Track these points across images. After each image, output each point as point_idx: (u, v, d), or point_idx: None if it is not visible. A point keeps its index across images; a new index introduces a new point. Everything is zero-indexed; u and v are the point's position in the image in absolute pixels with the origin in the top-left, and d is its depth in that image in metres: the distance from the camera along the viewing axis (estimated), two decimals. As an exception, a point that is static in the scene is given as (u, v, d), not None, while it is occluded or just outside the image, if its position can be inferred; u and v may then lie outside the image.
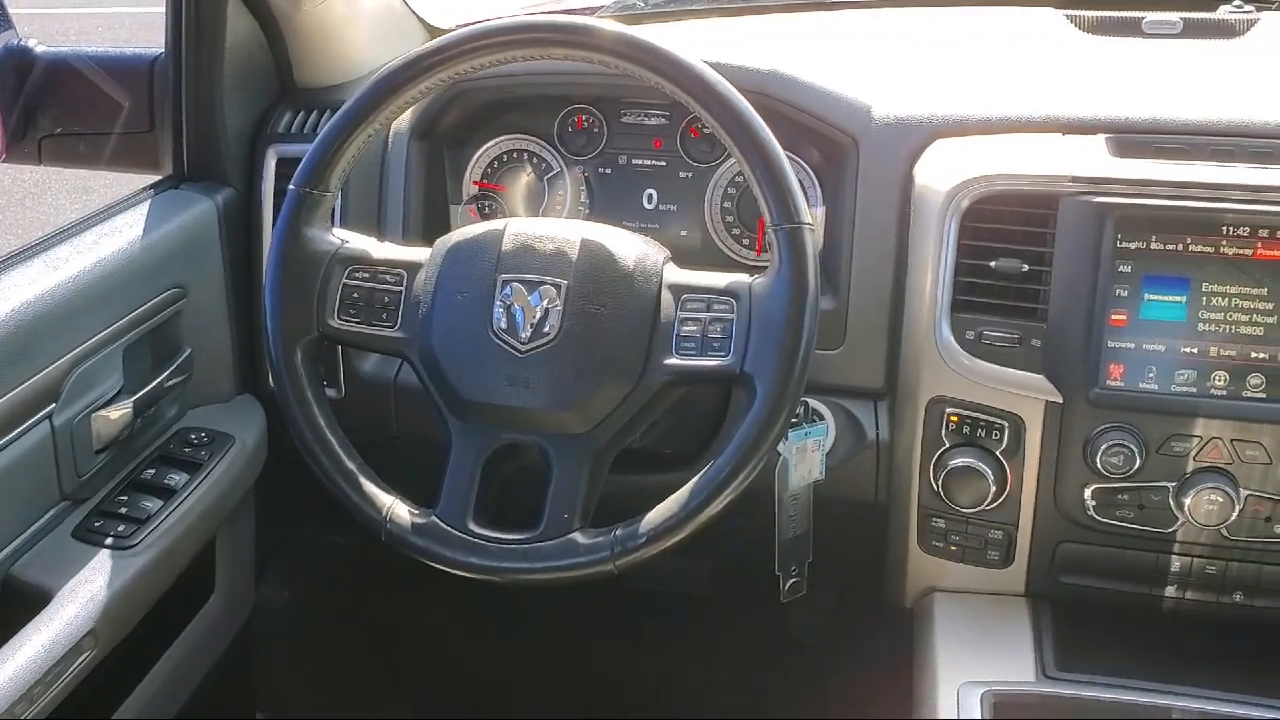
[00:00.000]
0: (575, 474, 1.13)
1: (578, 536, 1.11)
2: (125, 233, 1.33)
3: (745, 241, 1.42)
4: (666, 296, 1.14)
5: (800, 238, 1.08)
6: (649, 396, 1.13)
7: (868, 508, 1.37)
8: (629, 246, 1.16)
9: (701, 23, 1.68)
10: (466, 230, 1.20)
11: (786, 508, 1.36)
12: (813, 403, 1.34)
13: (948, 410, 1.24)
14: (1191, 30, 1.48)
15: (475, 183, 1.50)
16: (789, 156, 1.13)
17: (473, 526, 1.13)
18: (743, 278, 1.14)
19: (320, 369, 1.22)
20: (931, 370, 1.24)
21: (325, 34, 1.51)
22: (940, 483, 1.25)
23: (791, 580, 1.41)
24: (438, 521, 1.14)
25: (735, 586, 1.85)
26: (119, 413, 1.28)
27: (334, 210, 1.36)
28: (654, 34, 1.13)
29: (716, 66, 1.13)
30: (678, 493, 1.10)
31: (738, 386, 1.13)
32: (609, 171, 1.46)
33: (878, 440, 1.34)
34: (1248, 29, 1.48)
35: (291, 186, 1.19)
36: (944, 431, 1.25)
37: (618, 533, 1.11)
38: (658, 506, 1.10)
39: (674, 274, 1.16)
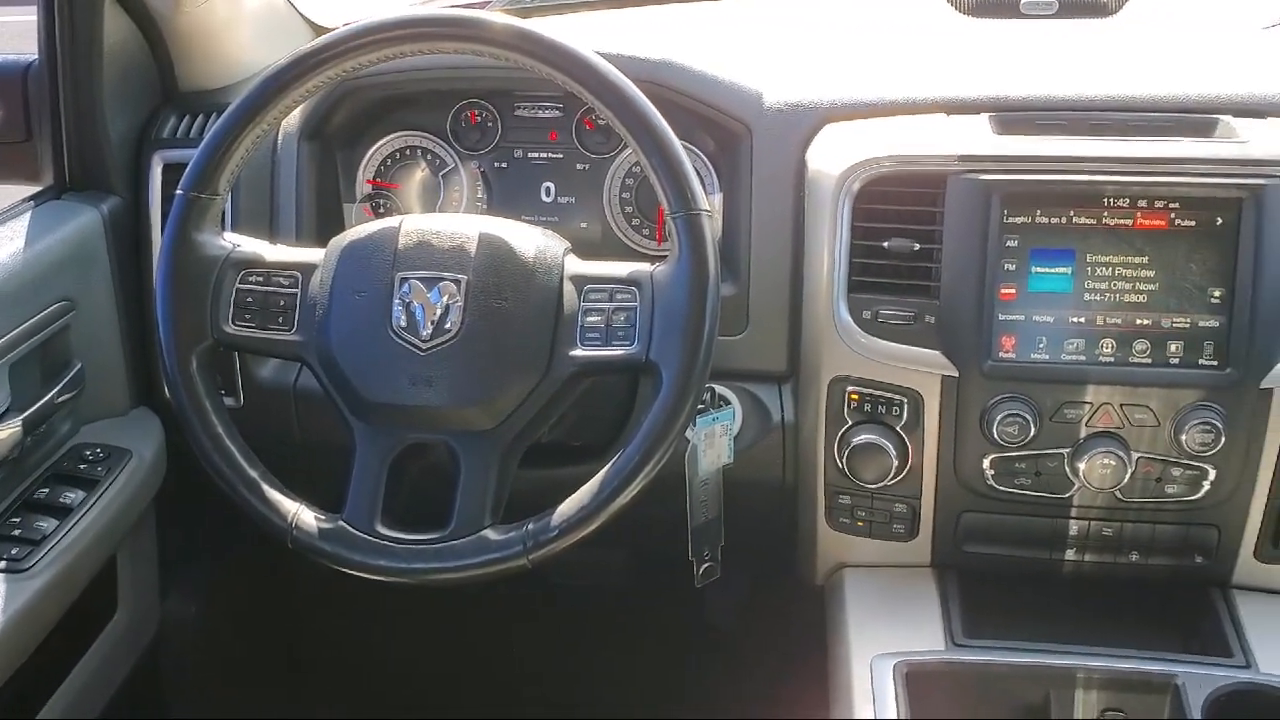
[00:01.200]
0: (484, 470, 1.12)
1: (489, 533, 1.11)
2: (5, 246, 1.28)
3: (645, 231, 1.42)
4: (569, 288, 1.14)
5: (699, 224, 1.09)
6: (555, 389, 1.13)
7: (776, 489, 1.39)
8: (528, 239, 1.15)
9: (593, 15, 1.68)
10: (361, 229, 1.18)
11: (697, 493, 1.37)
12: (719, 388, 1.35)
13: (849, 389, 1.27)
14: (1067, 10, 1.53)
15: (369, 181, 1.48)
16: (684, 145, 1.13)
17: (381, 529, 1.12)
18: (644, 267, 1.14)
19: (217, 377, 1.19)
20: (832, 351, 1.26)
21: (207, 36, 1.48)
22: (845, 460, 1.27)
23: (705, 565, 1.42)
24: (345, 526, 1.12)
25: (650, 575, 1.86)
26: (7, 431, 1.24)
27: (224, 214, 1.34)
28: (545, 26, 1.13)
29: (608, 57, 1.13)
30: (588, 484, 1.10)
31: (644, 375, 1.13)
32: (505, 166, 1.45)
33: (783, 422, 1.35)
34: (1119, 7, 1.54)
35: (179, 191, 1.17)
36: (846, 410, 1.27)
37: (530, 527, 1.10)
38: (569, 498, 1.11)
39: (575, 265, 1.16)
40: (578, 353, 1.12)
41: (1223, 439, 1.17)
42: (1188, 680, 1.15)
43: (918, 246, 1.21)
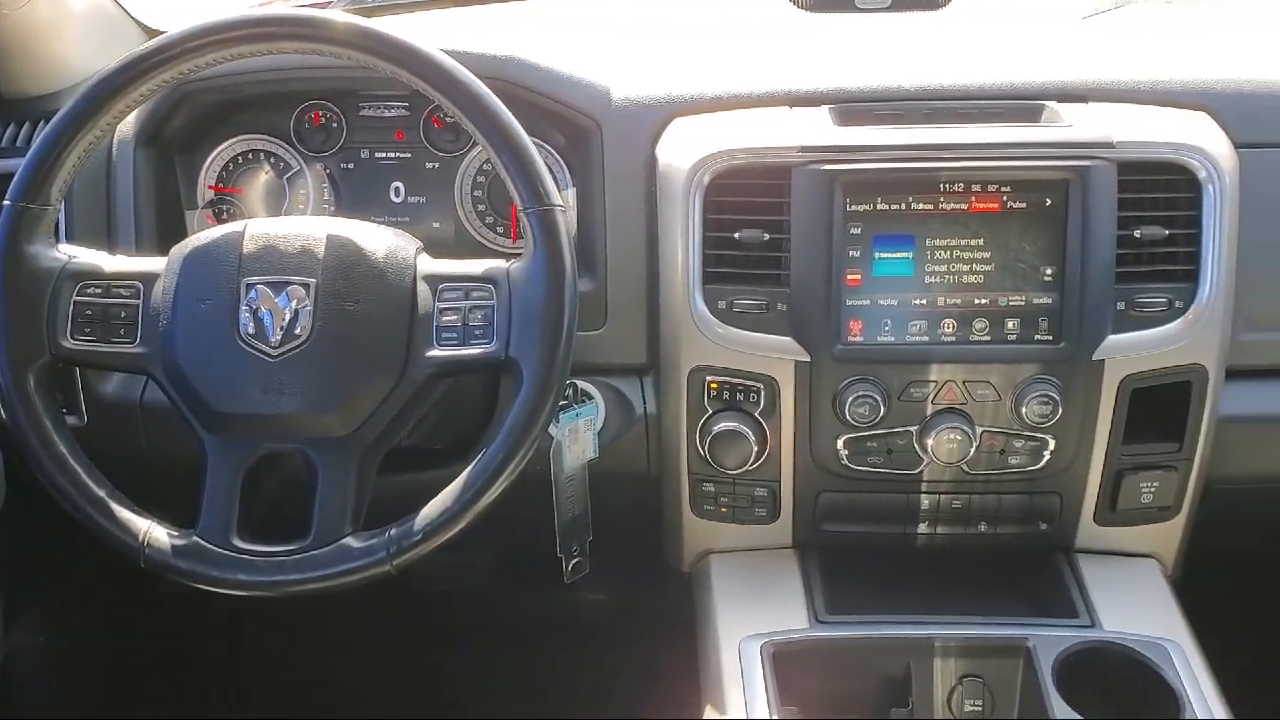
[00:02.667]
0: (342, 477, 1.10)
1: (351, 540, 1.09)
2: None
3: (499, 229, 1.42)
4: (423, 288, 1.13)
5: (552, 219, 1.10)
6: (413, 391, 1.12)
7: (642, 480, 1.40)
8: (378, 240, 1.14)
9: (438, 14, 1.66)
10: (204, 235, 1.15)
11: (563, 489, 1.37)
12: (581, 383, 1.36)
13: (708, 378, 1.29)
14: (899, 3, 1.58)
15: (210, 187, 1.43)
16: (534, 141, 1.14)
17: (238, 542, 1.09)
18: (499, 263, 1.14)
19: (58, 395, 1.14)
20: (690, 341, 1.28)
21: (30, 39, 1.41)
22: (706, 448, 1.29)
23: (574, 561, 1.43)
24: (200, 541, 1.09)
25: (518, 575, 1.86)
26: None
27: (58, 224, 1.28)
28: (389, 25, 1.11)
29: (454, 54, 1.13)
30: (451, 485, 1.10)
31: (504, 373, 1.13)
32: (352, 167, 1.43)
33: (646, 414, 1.37)
34: (948, 1, 1.59)
35: (7, 201, 1.12)
36: (706, 399, 1.29)
37: (392, 532, 1.09)
38: (432, 501, 1.10)
39: (428, 264, 1.15)
40: (434, 353, 1.11)
41: (1060, 410, 1.23)
42: (1038, 642, 1.20)
43: (767, 236, 1.24)
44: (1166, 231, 1.22)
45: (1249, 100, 1.30)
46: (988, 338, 1.23)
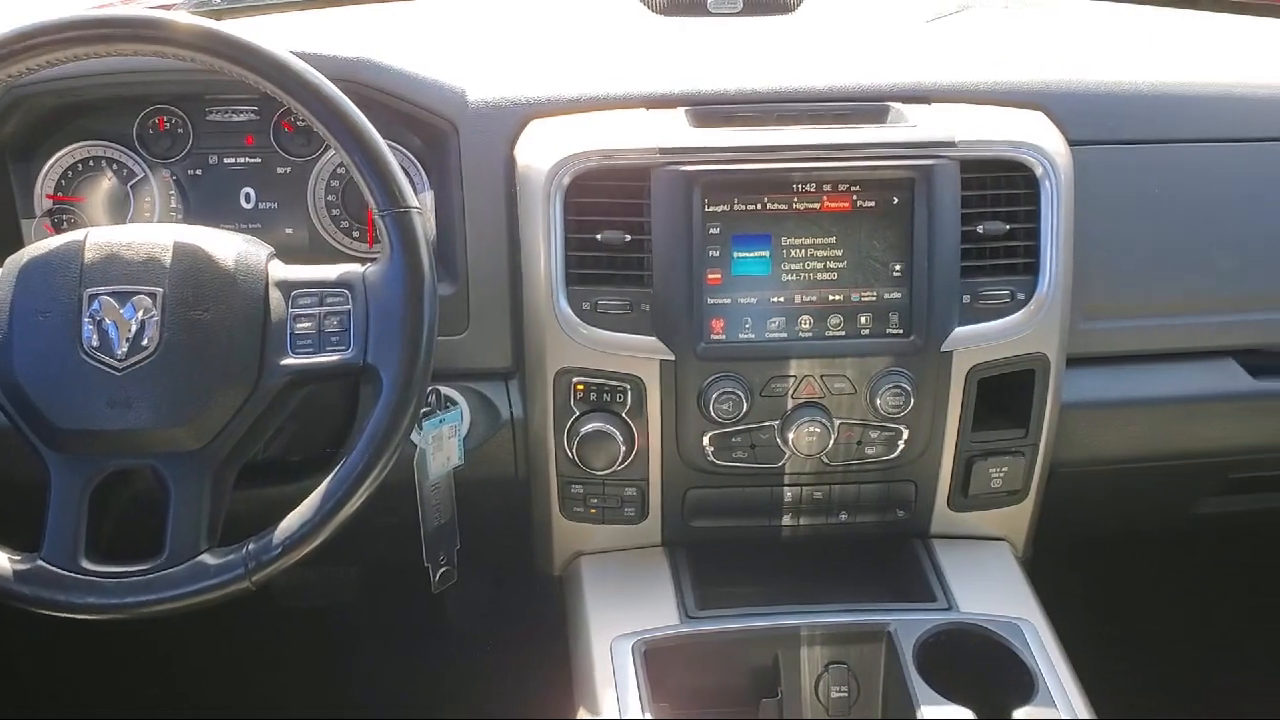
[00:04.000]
0: (196, 493, 1.07)
1: (207, 557, 1.06)
2: None
3: (355, 234, 1.39)
4: (275, 295, 1.10)
5: (409, 222, 1.08)
6: (268, 401, 1.09)
7: (510, 485, 1.40)
8: (228, 246, 1.11)
9: (288, 16, 1.63)
10: (41, 245, 1.10)
11: (428, 498, 1.35)
12: (444, 389, 1.34)
13: (574, 380, 1.29)
14: (751, 8, 1.62)
15: (49, 196, 1.37)
16: (390, 144, 1.12)
17: (86, 564, 1.04)
18: (355, 268, 1.12)
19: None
20: (555, 343, 1.28)
21: None
22: (574, 450, 1.29)
23: (441, 570, 1.41)
24: (44, 565, 1.04)
25: (386, 587, 1.83)
26: None
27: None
28: (237, 28, 1.08)
29: (303, 56, 1.10)
30: (311, 497, 1.07)
31: (363, 380, 1.11)
32: (200, 173, 1.38)
33: (512, 418, 1.36)
34: (798, 4, 1.63)
35: None
36: (573, 401, 1.30)
37: (250, 547, 1.06)
38: (291, 514, 1.07)
39: (280, 270, 1.12)
40: (289, 361, 1.08)
41: (912, 401, 1.27)
42: (899, 627, 1.24)
43: (629, 237, 1.25)
44: (1007, 226, 1.27)
45: (1081, 99, 1.37)
46: (842, 333, 1.26)
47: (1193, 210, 1.39)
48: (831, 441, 1.28)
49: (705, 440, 1.29)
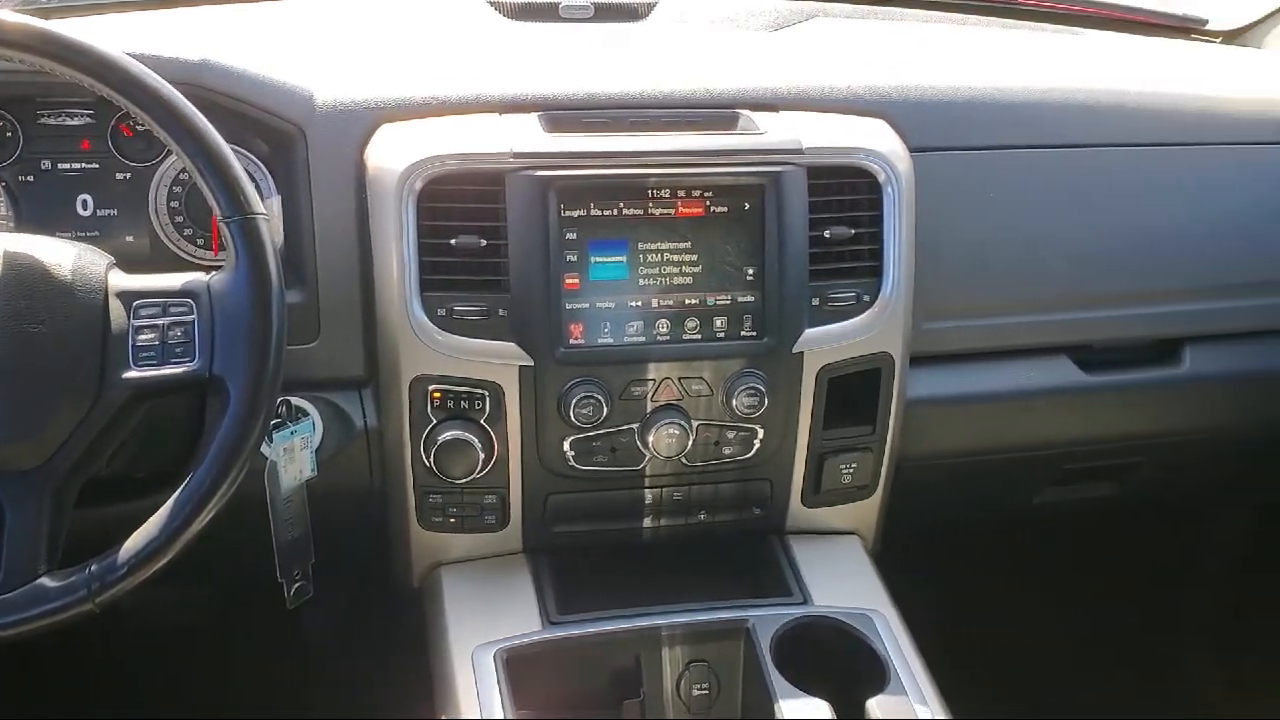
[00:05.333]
0: (34, 513, 1.02)
1: (46, 580, 1.01)
2: None
3: (200, 241, 1.35)
4: (115, 305, 1.06)
5: (254, 228, 1.06)
6: (110, 416, 1.05)
7: (366, 496, 1.37)
8: (63, 255, 1.06)
9: (126, 16, 1.56)
10: None
11: (281, 512, 1.32)
12: (294, 400, 1.31)
13: (431, 387, 1.27)
14: (602, 14, 1.62)
15: None
16: (235, 149, 1.09)
17: None
18: (200, 276, 1.08)
19: None
20: (410, 351, 1.26)
21: None
22: (432, 459, 1.28)
23: (296, 585, 1.38)
24: None
25: (240, 605, 1.78)
26: None
27: None
28: (70, 28, 1.04)
29: (141, 58, 1.07)
30: (157, 514, 1.04)
31: (210, 392, 1.08)
32: (31, 179, 1.31)
33: (366, 428, 1.34)
34: (649, 12, 1.65)
35: None
36: (429, 408, 1.28)
37: (93, 568, 1.02)
38: (136, 532, 1.03)
39: (120, 280, 1.08)
40: (131, 374, 1.04)
41: (766, 401, 1.29)
42: (757, 622, 1.27)
43: (484, 242, 1.24)
44: (853, 231, 1.31)
45: (921, 107, 1.42)
46: (699, 336, 1.28)
47: (1027, 214, 1.46)
48: (690, 443, 1.30)
49: (566, 445, 1.30)
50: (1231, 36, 1.87)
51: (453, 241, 1.24)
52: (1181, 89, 1.57)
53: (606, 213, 1.25)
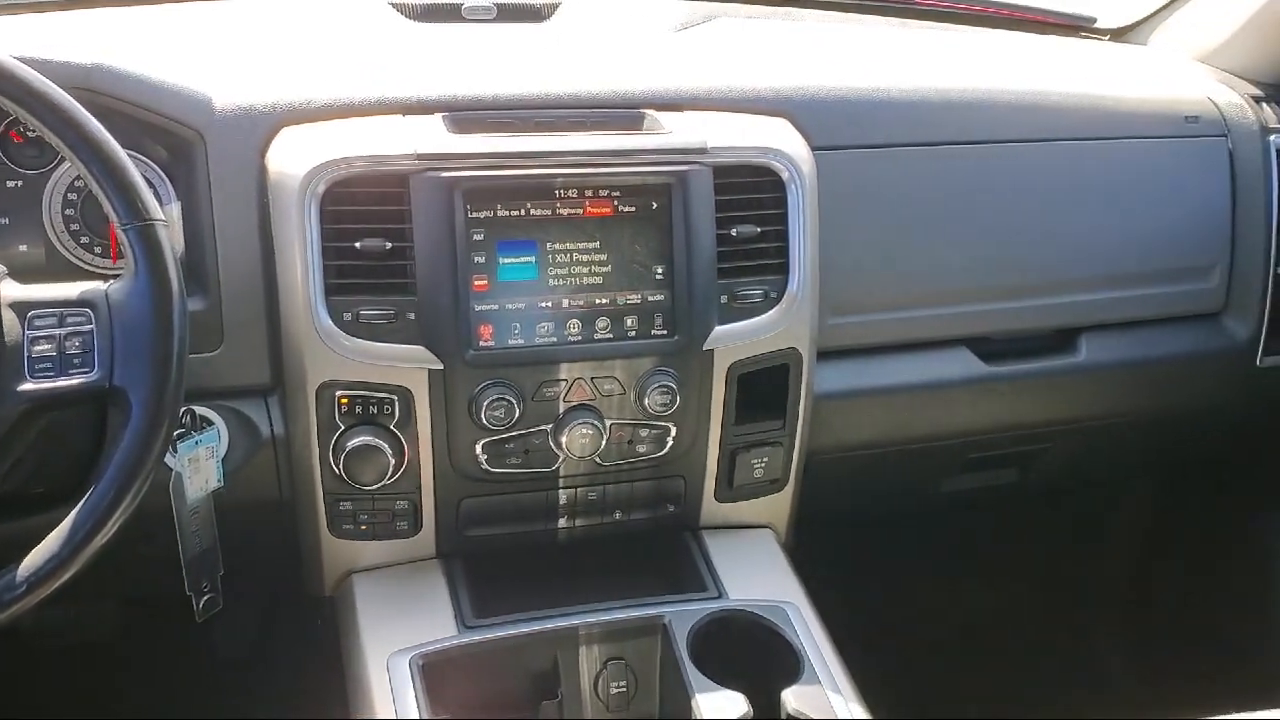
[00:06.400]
0: (-75, 532, 0.99)
1: (-59, 600, 0.98)
2: None
3: (98, 250, 1.31)
4: (9, 316, 1.03)
5: (153, 235, 1.04)
6: (6, 430, 1.02)
7: (275, 505, 1.35)
8: None
9: (9, 19, 1.51)
10: None
11: (187, 524, 1.29)
12: (199, 409, 1.29)
13: (338, 393, 1.26)
14: (505, 15, 1.62)
15: None
16: (131, 155, 1.07)
17: None
18: (97, 285, 1.06)
19: None
20: (316, 357, 1.25)
21: None
22: (341, 466, 1.26)
23: (205, 598, 1.35)
24: None
25: (150, 619, 1.74)
26: None
27: None
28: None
29: (30, 62, 1.04)
30: (57, 529, 1.01)
31: (111, 403, 1.05)
32: (-85, 188, 1.27)
33: (274, 436, 1.32)
34: (552, 13, 1.65)
35: None
36: (338, 415, 1.26)
37: (-10, 587, 0.99)
38: (36, 549, 1.01)
39: (13, 290, 1.05)
40: (27, 387, 1.01)
41: (678, 399, 1.30)
42: (674, 618, 1.28)
43: (390, 245, 1.23)
44: (759, 229, 1.33)
45: (823, 107, 1.45)
46: (610, 335, 1.28)
47: (927, 210, 1.49)
48: (604, 442, 1.30)
49: (478, 448, 1.29)
50: (1119, 34, 1.94)
51: (357, 245, 1.23)
52: (1073, 86, 1.62)
53: (514, 213, 1.25)
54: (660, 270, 1.29)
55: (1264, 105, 1.67)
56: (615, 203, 1.27)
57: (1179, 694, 1.68)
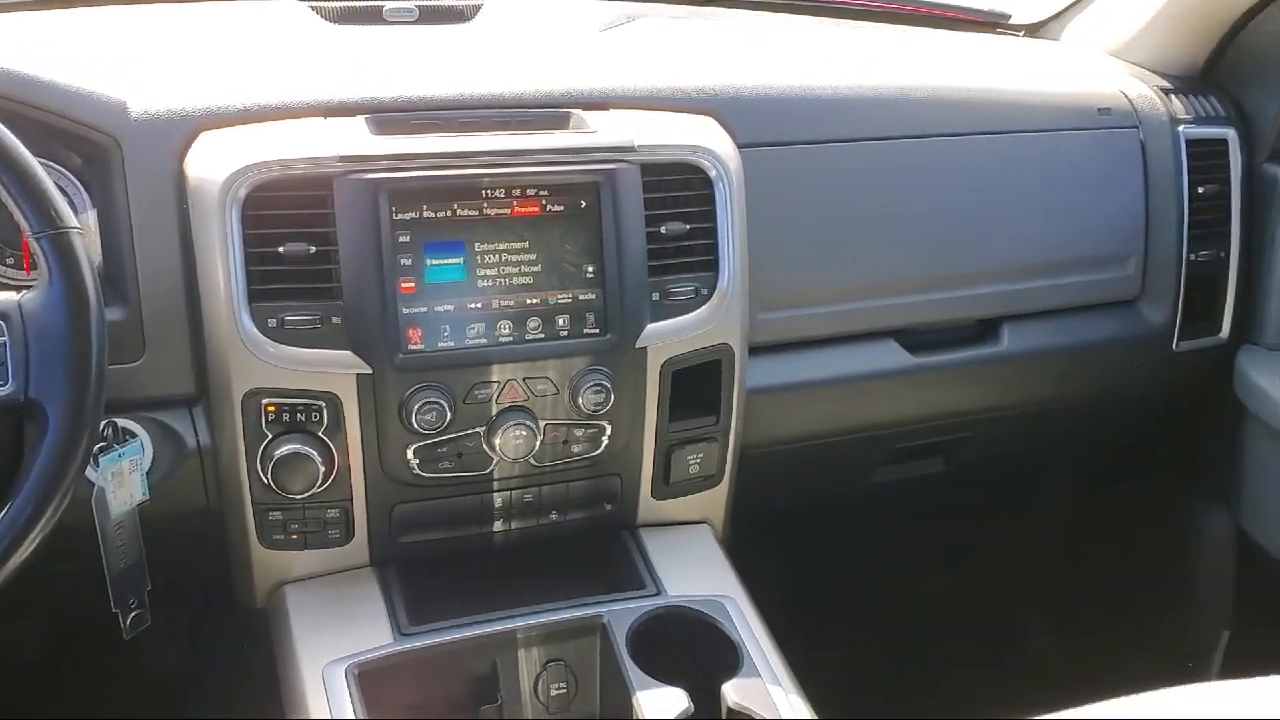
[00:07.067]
0: None
1: None
2: None
3: (10, 260, 1.27)
4: None
5: (68, 244, 1.01)
6: (-84, 448, 0.98)
7: (203, 517, 1.32)
8: None
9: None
10: None
11: (111, 539, 1.26)
12: (121, 421, 1.26)
13: (265, 401, 1.24)
14: (427, 17, 1.61)
15: None
16: (44, 163, 1.04)
17: None
18: (10, 296, 1.03)
19: None
20: (241, 364, 1.22)
21: None
22: (270, 475, 1.24)
23: (133, 614, 1.32)
24: None
25: (77, 637, 1.69)
26: None
27: None
28: None
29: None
30: None
31: (27, 417, 1.02)
32: None
33: (200, 446, 1.29)
34: (475, 14, 1.64)
35: None
36: (265, 423, 1.24)
37: (-96, 611, 0.95)
38: (-50, 569, 0.97)
39: None
40: None
41: (613, 397, 1.30)
42: (612, 617, 1.27)
43: (314, 249, 1.21)
44: (688, 226, 1.33)
45: (747, 105, 1.46)
46: (542, 335, 1.28)
47: (852, 205, 1.51)
48: (538, 443, 1.29)
49: (409, 453, 1.28)
50: (1033, 30, 1.98)
51: (281, 250, 1.21)
52: (990, 81, 1.65)
53: (440, 214, 1.24)
54: (591, 269, 1.28)
55: (1173, 97, 1.72)
56: (544, 202, 1.27)
57: (1103, 671, 1.72)
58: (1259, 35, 1.70)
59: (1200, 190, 1.68)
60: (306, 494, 1.26)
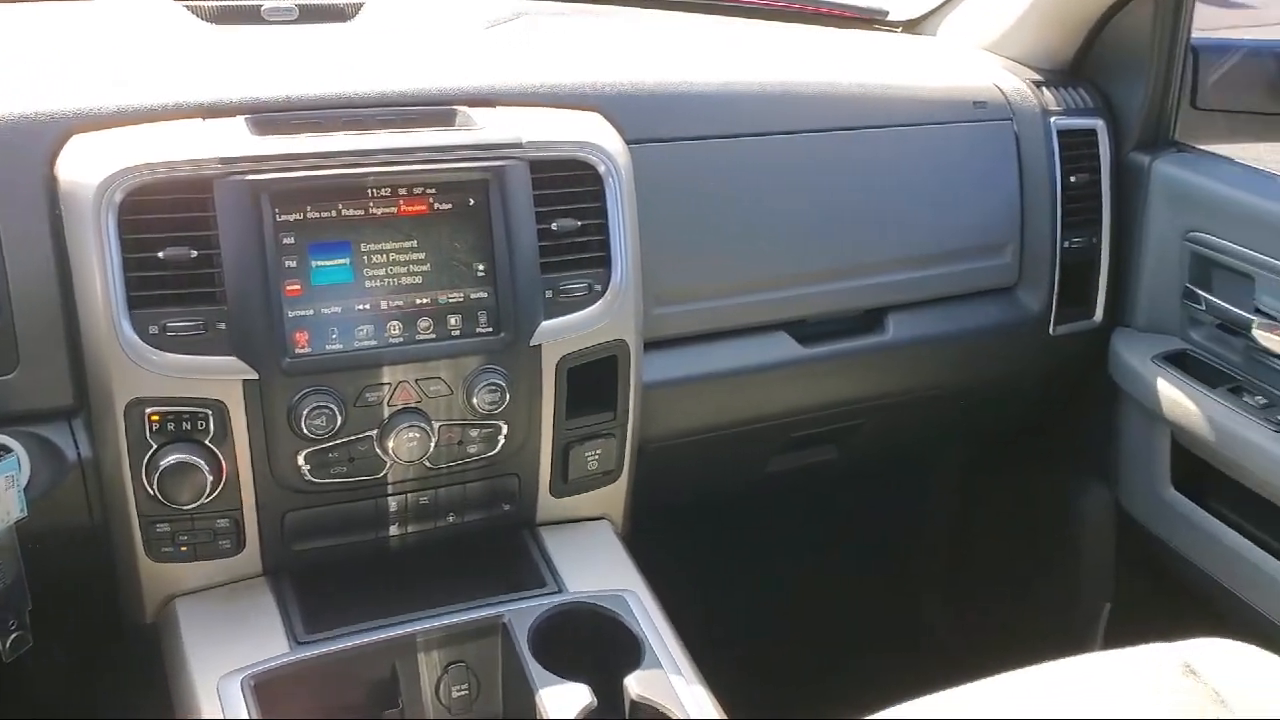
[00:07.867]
0: None
1: None
2: None
3: None
4: None
5: None
6: None
7: (86, 532, 1.28)
8: None
9: None
10: None
11: (-12, 558, 1.22)
12: (-4, 437, 1.21)
13: (148, 410, 1.20)
14: (307, 16, 1.58)
15: None
16: None
17: None
18: None
19: None
20: (122, 373, 1.19)
21: None
22: (155, 486, 1.21)
23: (13, 636, 1.27)
24: None
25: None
26: None
27: None
28: None
29: None
30: None
31: (-109, 435, 0.98)
32: None
33: (80, 459, 1.25)
34: (356, 13, 1.61)
35: None
36: (149, 433, 1.21)
37: None
38: None
39: None
40: None
41: (508, 396, 1.30)
42: (513, 616, 1.27)
43: (195, 253, 1.18)
44: (579, 223, 1.33)
45: (633, 101, 1.46)
46: (433, 335, 1.27)
47: (739, 200, 1.53)
48: (433, 445, 1.28)
49: (300, 459, 1.25)
50: (910, 26, 2.03)
51: (160, 254, 1.18)
52: (870, 76, 1.69)
53: (325, 215, 1.22)
54: (482, 268, 1.28)
55: (1044, 89, 1.78)
56: (431, 200, 1.26)
57: (996, 644, 1.77)
58: (1122, 30, 1.77)
59: (1072, 179, 1.74)
60: (194, 504, 1.23)
